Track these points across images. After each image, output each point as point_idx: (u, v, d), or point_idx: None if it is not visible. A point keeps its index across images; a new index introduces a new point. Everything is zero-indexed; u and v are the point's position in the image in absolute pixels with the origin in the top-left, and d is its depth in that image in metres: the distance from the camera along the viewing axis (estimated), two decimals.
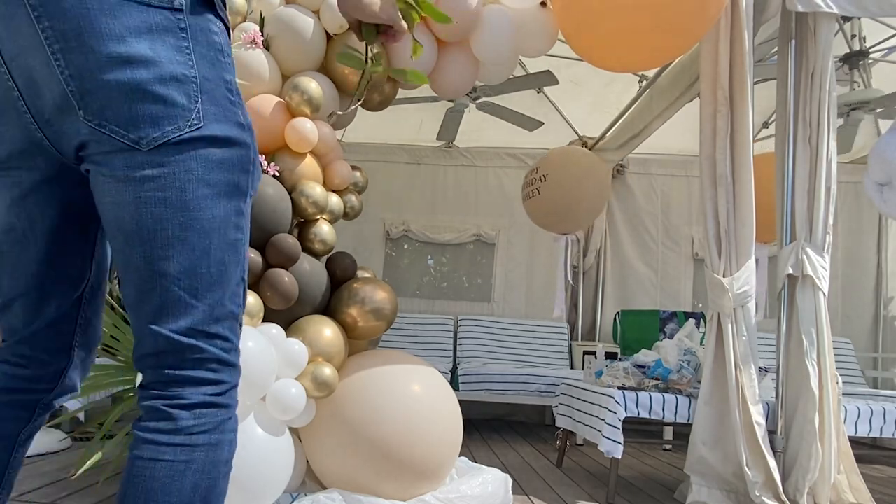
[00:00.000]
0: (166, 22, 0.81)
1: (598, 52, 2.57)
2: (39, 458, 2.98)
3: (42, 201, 0.93)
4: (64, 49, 0.78)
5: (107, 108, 0.79)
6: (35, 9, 0.77)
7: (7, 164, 0.91)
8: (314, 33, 2.36)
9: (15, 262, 0.96)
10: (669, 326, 4.61)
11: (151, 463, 0.84)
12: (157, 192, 0.82)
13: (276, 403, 1.99)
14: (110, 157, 0.82)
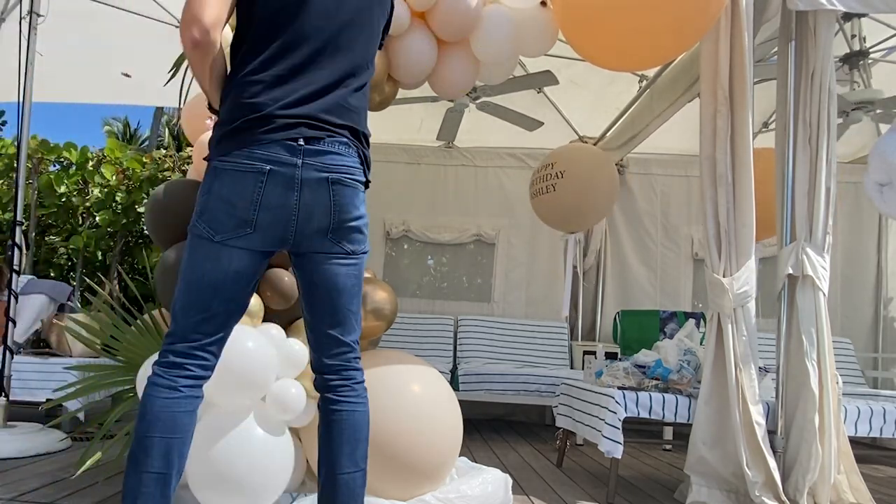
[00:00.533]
0: (364, 197, 1.62)
1: (598, 51, 2.57)
2: (39, 458, 2.98)
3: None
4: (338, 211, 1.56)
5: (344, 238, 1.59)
6: (334, 196, 1.54)
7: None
8: None
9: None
10: (669, 326, 4.61)
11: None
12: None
13: (276, 403, 1.99)
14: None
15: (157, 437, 1.42)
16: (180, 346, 1.50)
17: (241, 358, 1.90)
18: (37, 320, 4.13)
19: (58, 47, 4.06)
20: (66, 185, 6.28)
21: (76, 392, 2.28)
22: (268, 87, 1.48)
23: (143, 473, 1.40)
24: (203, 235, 1.49)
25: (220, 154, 1.50)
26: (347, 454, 1.57)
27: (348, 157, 1.54)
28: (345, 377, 1.62)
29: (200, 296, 1.50)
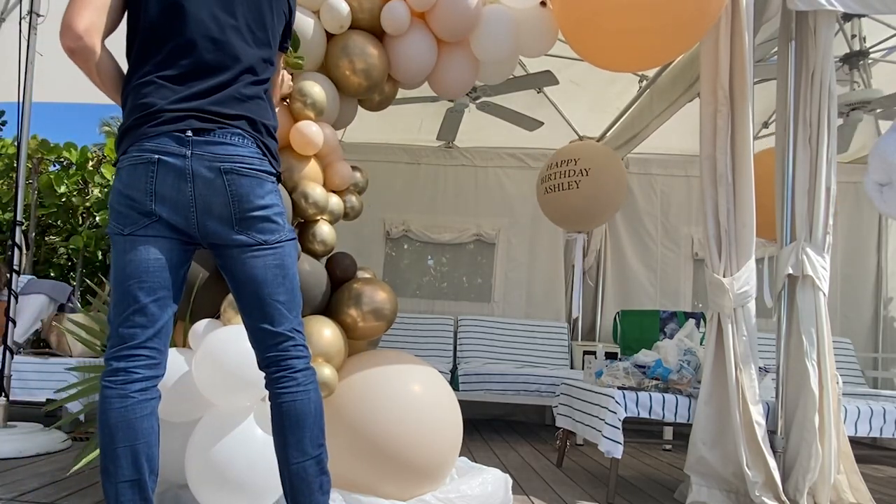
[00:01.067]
0: (275, 187, 1.62)
1: (598, 51, 2.57)
2: (39, 458, 2.98)
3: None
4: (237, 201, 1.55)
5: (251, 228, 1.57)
6: (230, 187, 1.52)
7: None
8: (314, 33, 2.36)
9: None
10: (669, 326, 4.61)
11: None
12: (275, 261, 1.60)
13: None
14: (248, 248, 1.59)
15: (120, 446, 1.45)
16: (120, 350, 1.50)
17: (241, 358, 1.90)
18: (37, 320, 4.13)
19: (58, 47, 4.06)
20: (66, 185, 6.29)
21: (77, 393, 2.28)
22: (158, 87, 1.51)
23: (118, 484, 1.44)
24: (115, 232, 1.53)
25: (119, 154, 1.53)
26: (293, 444, 1.55)
27: (244, 148, 1.54)
28: (283, 367, 1.59)
29: (127, 290, 1.50)
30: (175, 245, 1.55)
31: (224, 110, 1.53)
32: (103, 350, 2.34)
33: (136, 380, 1.50)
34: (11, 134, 7.96)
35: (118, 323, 1.51)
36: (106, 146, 6.69)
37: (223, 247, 1.56)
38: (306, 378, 1.60)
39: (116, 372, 1.49)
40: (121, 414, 1.46)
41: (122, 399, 1.47)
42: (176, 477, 2.15)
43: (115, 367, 1.50)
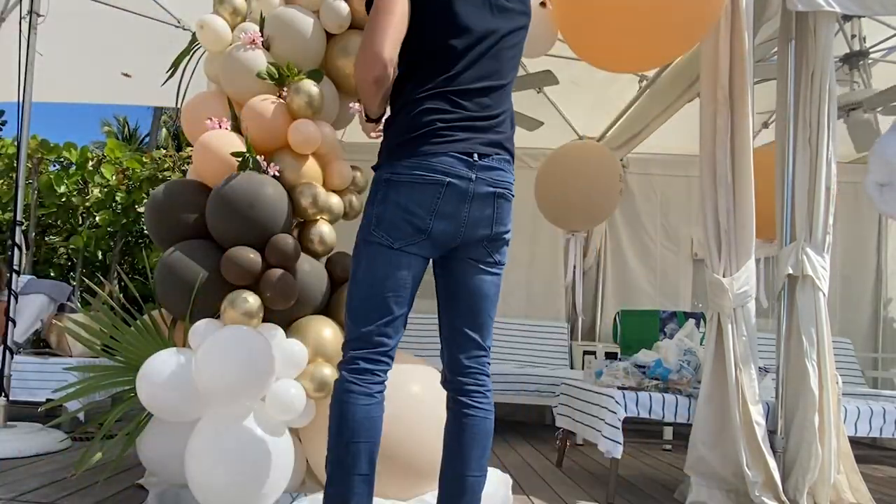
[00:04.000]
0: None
1: (598, 52, 2.57)
2: (39, 458, 2.98)
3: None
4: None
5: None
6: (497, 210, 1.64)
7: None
8: (314, 33, 2.36)
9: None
10: (669, 326, 4.61)
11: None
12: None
13: (276, 403, 1.99)
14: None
15: (362, 442, 1.52)
16: (369, 352, 1.57)
17: (241, 358, 1.90)
18: (37, 320, 4.13)
19: (58, 47, 4.06)
20: (66, 185, 6.28)
21: (76, 392, 2.28)
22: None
23: (354, 476, 1.50)
24: (384, 244, 1.57)
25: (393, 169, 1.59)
26: (476, 458, 1.63)
27: (509, 174, 1.66)
28: (479, 382, 1.69)
29: (384, 300, 1.57)
30: (424, 263, 1.64)
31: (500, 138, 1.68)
32: (103, 350, 2.34)
33: (378, 381, 1.58)
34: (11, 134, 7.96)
35: (371, 328, 1.57)
36: (106, 146, 6.67)
37: (466, 259, 1.66)
38: (491, 399, 1.71)
39: (364, 372, 1.56)
40: (366, 411, 1.53)
41: (368, 398, 1.54)
42: (176, 477, 2.15)
43: (363, 367, 1.56)
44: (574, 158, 4.36)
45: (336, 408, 1.54)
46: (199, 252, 2.18)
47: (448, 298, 1.70)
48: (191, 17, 4.05)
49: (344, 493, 1.50)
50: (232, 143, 2.23)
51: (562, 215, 4.48)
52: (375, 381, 1.58)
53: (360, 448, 1.51)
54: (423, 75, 1.60)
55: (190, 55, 2.72)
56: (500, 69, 1.67)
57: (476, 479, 1.63)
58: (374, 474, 1.54)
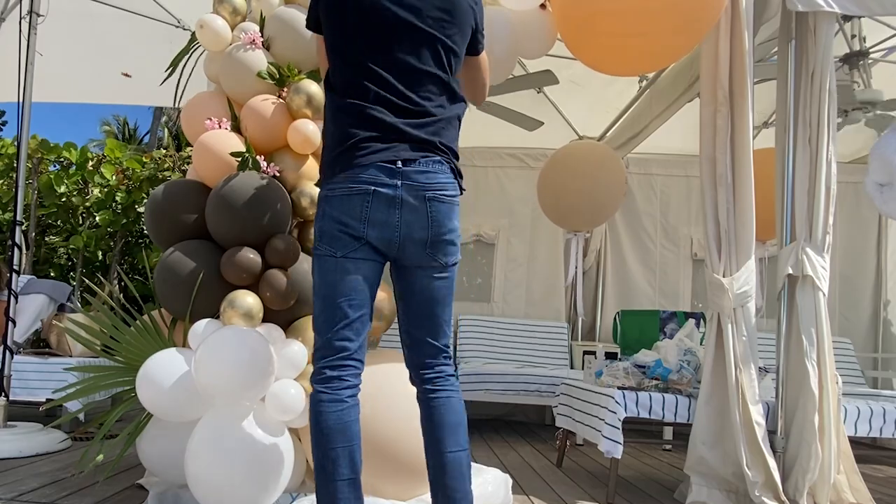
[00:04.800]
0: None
1: (597, 55, 2.57)
2: (39, 458, 2.98)
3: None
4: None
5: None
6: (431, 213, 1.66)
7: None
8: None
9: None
10: (669, 326, 4.60)
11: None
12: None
13: (276, 403, 1.99)
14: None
15: (339, 447, 1.59)
16: (332, 359, 1.64)
17: (241, 358, 1.90)
18: (37, 320, 4.13)
19: (58, 47, 4.06)
20: (66, 185, 6.28)
21: (76, 392, 2.28)
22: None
23: (337, 482, 1.58)
24: (326, 254, 1.65)
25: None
26: (450, 434, 1.70)
27: (442, 174, 1.68)
28: (437, 371, 1.76)
29: (338, 306, 1.64)
30: (377, 267, 1.70)
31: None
32: (103, 350, 2.34)
33: (347, 386, 1.65)
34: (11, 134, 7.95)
35: (331, 335, 1.64)
36: (106, 146, 6.67)
37: (412, 266, 1.71)
38: (454, 382, 1.77)
39: (331, 379, 1.64)
40: (338, 417, 1.61)
41: (337, 403, 1.62)
42: (176, 477, 2.15)
43: (329, 374, 1.64)
44: (577, 158, 4.35)
45: (311, 418, 1.63)
46: (198, 252, 2.18)
47: (402, 303, 1.77)
48: (191, 17, 4.05)
49: (330, 498, 1.57)
50: (231, 143, 2.23)
51: (565, 215, 4.48)
52: (344, 385, 1.64)
53: (337, 453, 1.58)
54: (342, 89, 1.68)
55: (189, 54, 2.72)
56: (424, 69, 1.69)
57: (454, 454, 1.68)
58: (358, 476, 1.61)
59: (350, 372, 1.66)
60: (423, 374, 1.76)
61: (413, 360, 1.78)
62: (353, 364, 1.67)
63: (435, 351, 1.76)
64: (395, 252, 1.67)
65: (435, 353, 1.76)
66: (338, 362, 1.64)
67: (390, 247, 1.66)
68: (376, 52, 1.66)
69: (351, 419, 1.62)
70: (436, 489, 1.69)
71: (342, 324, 1.64)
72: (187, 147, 7.50)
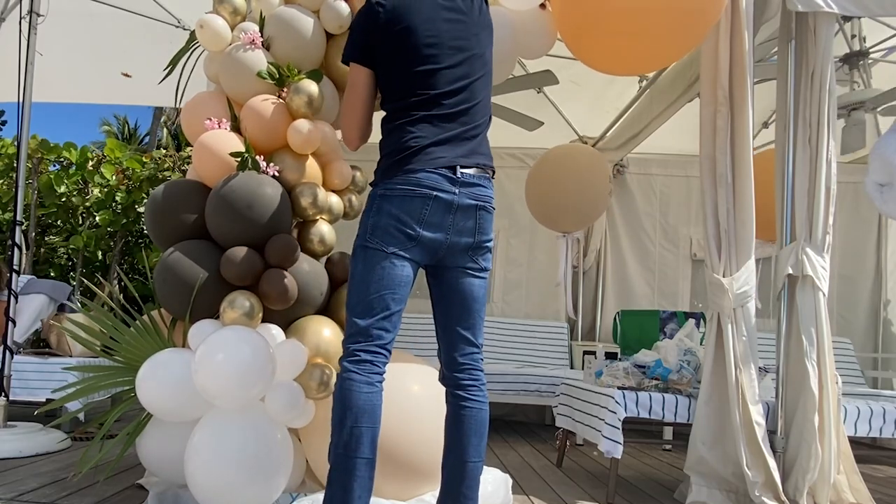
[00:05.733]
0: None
1: (598, 55, 2.57)
2: (39, 458, 2.98)
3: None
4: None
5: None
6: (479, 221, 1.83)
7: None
8: (314, 33, 2.36)
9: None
10: (669, 326, 4.60)
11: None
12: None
13: (276, 403, 1.99)
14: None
15: (364, 426, 1.64)
16: (368, 344, 1.72)
17: (240, 358, 1.90)
18: (37, 320, 4.13)
19: (58, 47, 4.06)
20: (66, 185, 6.28)
21: (76, 392, 2.28)
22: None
23: (356, 459, 1.62)
24: (377, 247, 1.75)
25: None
26: (475, 445, 1.80)
27: (489, 189, 1.85)
28: (474, 377, 1.86)
29: (381, 297, 1.73)
30: (416, 269, 1.81)
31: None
32: (103, 350, 2.34)
33: (378, 371, 1.72)
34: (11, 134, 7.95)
35: (370, 322, 1.72)
36: (106, 146, 6.67)
37: (454, 268, 1.85)
38: (485, 392, 1.89)
39: (363, 363, 1.70)
40: (368, 399, 1.67)
41: (370, 386, 1.68)
42: (176, 477, 2.15)
43: (363, 358, 1.71)
44: (561, 161, 4.36)
45: (339, 396, 1.68)
46: (198, 252, 2.18)
47: (442, 303, 1.86)
48: (191, 17, 4.05)
49: (348, 475, 1.61)
50: (231, 143, 2.23)
51: (551, 217, 4.49)
52: (375, 370, 1.71)
53: (362, 432, 1.63)
54: (405, 104, 1.80)
55: (188, 54, 2.71)
56: (473, 87, 1.86)
57: (475, 464, 1.79)
58: (375, 459, 1.66)
59: (381, 360, 1.73)
60: (458, 379, 1.85)
61: (450, 358, 1.85)
62: (385, 353, 1.74)
63: (471, 348, 1.86)
64: (441, 254, 1.79)
65: (471, 350, 1.86)
66: (373, 348, 1.72)
67: (438, 248, 1.77)
68: (433, 68, 1.81)
69: (378, 402, 1.69)
70: (448, 492, 1.77)
71: (383, 314, 1.72)
72: (187, 147, 7.50)
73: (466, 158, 1.79)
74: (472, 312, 1.85)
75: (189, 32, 2.94)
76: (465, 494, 1.76)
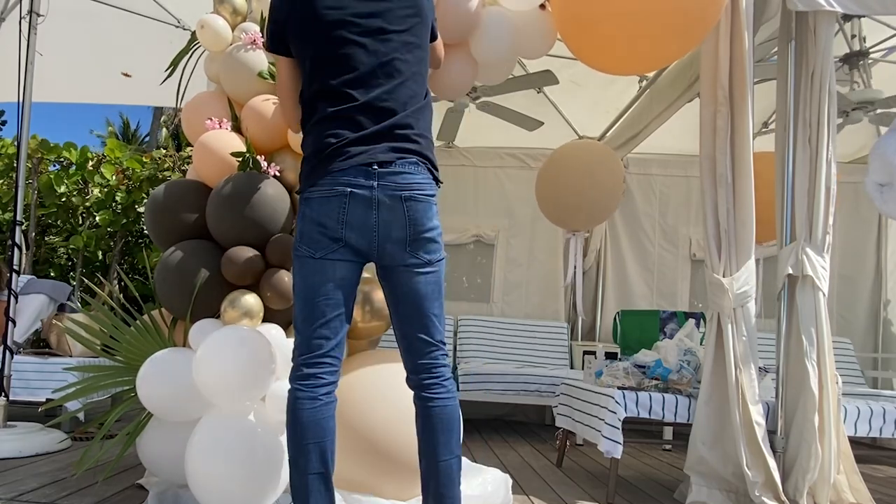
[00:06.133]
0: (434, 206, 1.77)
1: (597, 55, 2.57)
2: (39, 458, 2.98)
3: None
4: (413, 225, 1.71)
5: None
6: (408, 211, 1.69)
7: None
8: None
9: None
10: (669, 326, 4.60)
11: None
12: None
13: (276, 403, 1.99)
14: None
15: (311, 442, 1.64)
16: (309, 357, 1.69)
17: (241, 358, 1.90)
18: (37, 320, 4.13)
19: (58, 47, 4.06)
20: (66, 185, 6.28)
21: (76, 392, 2.28)
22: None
23: (308, 475, 1.63)
24: (305, 255, 1.70)
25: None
26: (443, 444, 1.74)
27: (418, 174, 1.71)
28: (435, 375, 1.78)
29: (315, 305, 1.69)
30: (355, 267, 1.74)
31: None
32: (103, 350, 2.34)
33: (323, 384, 1.69)
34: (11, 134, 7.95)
35: (308, 334, 1.69)
36: (106, 146, 6.67)
37: (394, 266, 1.74)
38: (451, 385, 1.80)
39: (307, 377, 1.68)
40: (311, 414, 1.65)
41: (312, 401, 1.66)
42: (176, 477, 2.15)
43: (305, 372, 1.68)
44: (575, 157, 4.35)
45: (287, 414, 1.68)
46: (199, 252, 2.18)
47: (392, 305, 1.79)
48: (191, 17, 4.05)
49: (301, 490, 1.63)
50: (232, 143, 2.23)
51: (563, 215, 4.47)
52: (320, 383, 1.68)
53: (309, 448, 1.63)
54: (319, 103, 1.72)
55: (189, 54, 2.72)
56: (392, 70, 1.72)
57: (447, 462, 1.73)
58: (329, 471, 1.66)
59: (326, 369, 1.69)
60: (421, 379, 1.77)
61: (410, 361, 1.79)
62: (330, 361, 1.70)
63: (429, 347, 1.77)
64: (375, 252, 1.70)
65: (430, 350, 1.77)
66: (314, 360, 1.68)
67: (370, 247, 1.69)
68: (344, 61, 1.71)
69: (325, 416, 1.67)
70: (426, 492, 1.74)
71: (319, 322, 1.68)
72: (187, 147, 7.50)
73: (385, 149, 1.68)
74: (422, 312, 1.75)
75: (189, 33, 2.94)
76: (441, 493, 1.71)
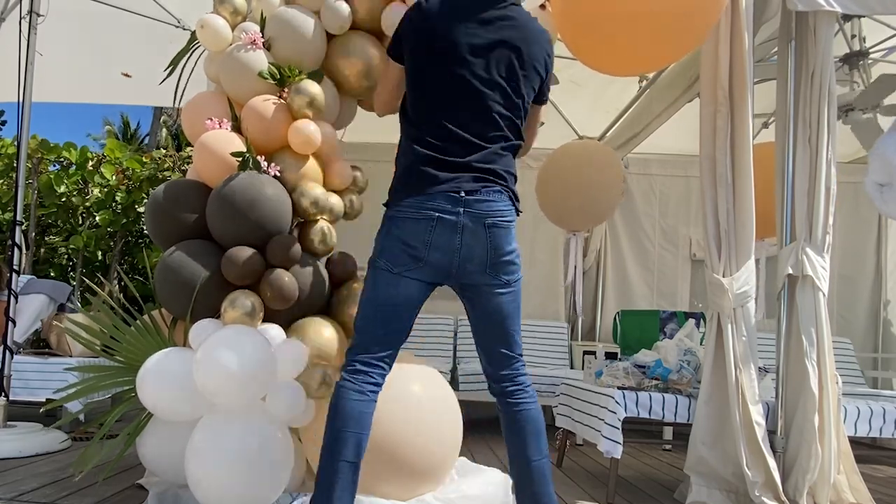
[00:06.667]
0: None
1: (597, 55, 2.57)
2: (39, 458, 2.98)
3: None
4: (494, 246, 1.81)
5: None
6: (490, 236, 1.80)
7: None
8: (314, 33, 2.36)
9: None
10: (669, 326, 4.61)
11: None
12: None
13: (276, 403, 2.00)
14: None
15: (350, 432, 1.72)
16: (365, 356, 1.79)
17: (241, 358, 1.91)
18: (37, 320, 4.13)
19: (58, 47, 4.06)
20: (66, 185, 6.28)
21: (76, 392, 2.27)
22: None
23: (340, 462, 1.70)
24: (384, 268, 1.81)
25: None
26: (533, 445, 1.85)
27: (501, 202, 1.82)
28: (517, 383, 1.91)
29: (386, 313, 1.80)
30: (425, 288, 1.84)
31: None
32: (103, 350, 2.34)
33: (370, 382, 1.79)
34: (11, 134, 7.95)
35: (369, 338, 1.80)
36: (106, 146, 6.67)
37: (476, 285, 1.85)
38: (533, 391, 1.92)
39: (359, 372, 1.78)
40: (356, 405, 1.74)
41: (360, 394, 1.76)
42: (176, 477, 2.15)
43: (359, 368, 1.79)
44: (575, 157, 4.35)
45: (332, 402, 1.76)
46: (199, 252, 2.18)
47: (475, 322, 1.90)
48: (191, 17, 4.05)
49: (330, 475, 1.69)
50: (232, 143, 2.23)
51: (563, 215, 4.47)
52: (369, 381, 1.78)
53: (347, 436, 1.71)
54: (418, 123, 1.83)
55: (189, 54, 2.72)
56: (486, 104, 1.83)
57: (538, 462, 1.83)
58: (359, 463, 1.73)
59: (378, 372, 1.80)
60: (504, 387, 1.91)
61: (492, 372, 1.92)
62: (383, 367, 1.81)
63: (510, 360, 1.90)
64: (455, 273, 1.80)
65: (511, 363, 1.90)
66: (371, 360, 1.79)
67: (450, 267, 1.78)
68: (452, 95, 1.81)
69: (367, 411, 1.75)
70: (522, 494, 1.83)
71: (382, 330, 1.80)
72: (187, 147, 7.50)
73: (471, 178, 1.78)
74: (504, 329, 1.88)
75: (189, 32, 2.94)
76: (538, 492, 1.81)
